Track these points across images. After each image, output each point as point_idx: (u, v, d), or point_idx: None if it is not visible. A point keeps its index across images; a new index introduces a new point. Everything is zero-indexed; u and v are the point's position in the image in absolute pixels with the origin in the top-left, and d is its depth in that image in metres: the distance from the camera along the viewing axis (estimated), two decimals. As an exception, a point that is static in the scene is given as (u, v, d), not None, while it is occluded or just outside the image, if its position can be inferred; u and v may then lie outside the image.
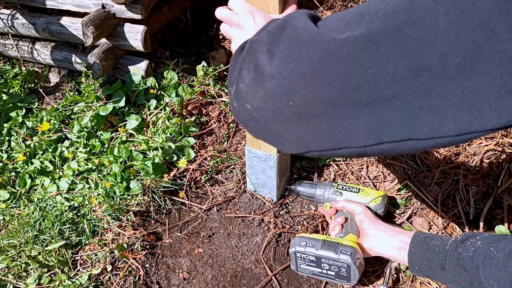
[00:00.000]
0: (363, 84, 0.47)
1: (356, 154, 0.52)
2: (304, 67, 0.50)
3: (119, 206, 1.46)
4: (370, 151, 0.51)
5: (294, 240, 1.19)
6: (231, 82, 0.62)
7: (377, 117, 0.48)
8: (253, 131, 0.61)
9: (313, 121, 0.52)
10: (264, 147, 1.33)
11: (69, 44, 2.05)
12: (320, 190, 1.37)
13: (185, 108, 1.79)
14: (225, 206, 1.51)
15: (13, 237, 1.42)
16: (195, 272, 1.33)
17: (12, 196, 1.59)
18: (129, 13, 1.73)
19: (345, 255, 1.10)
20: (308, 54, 0.50)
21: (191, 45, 2.24)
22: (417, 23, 0.43)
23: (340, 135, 0.51)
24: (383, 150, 0.50)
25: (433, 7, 0.43)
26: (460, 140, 0.46)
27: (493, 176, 1.38)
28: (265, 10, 0.92)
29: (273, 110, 0.54)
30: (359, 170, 1.52)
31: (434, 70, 0.43)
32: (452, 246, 0.95)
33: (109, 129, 1.75)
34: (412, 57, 0.44)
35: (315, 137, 0.53)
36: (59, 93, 2.11)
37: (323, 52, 0.49)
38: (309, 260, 1.16)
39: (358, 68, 0.47)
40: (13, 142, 1.80)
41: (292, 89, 0.51)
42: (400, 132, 0.47)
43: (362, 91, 0.47)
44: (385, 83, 0.46)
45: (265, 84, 0.54)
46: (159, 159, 1.57)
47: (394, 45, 0.44)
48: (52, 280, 1.32)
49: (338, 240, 1.15)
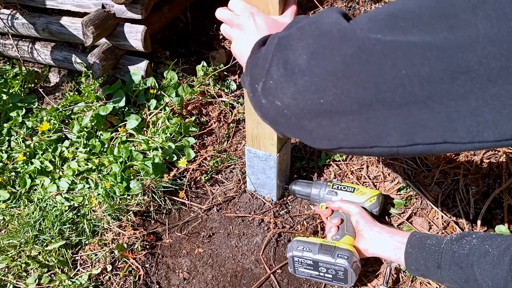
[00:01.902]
0: (396, 85, 0.46)
1: (388, 153, 0.51)
2: (336, 65, 0.49)
3: (119, 206, 1.46)
4: (403, 151, 0.50)
5: (291, 244, 1.19)
6: (255, 79, 0.61)
7: (411, 118, 0.46)
8: (283, 128, 0.59)
9: (345, 118, 0.51)
10: (264, 147, 1.33)
11: (69, 44, 2.05)
12: (315, 189, 1.37)
13: (185, 108, 1.79)
14: (225, 206, 1.51)
15: (13, 237, 1.42)
16: (195, 272, 1.33)
17: (12, 196, 1.59)
18: (129, 13, 1.73)
19: (342, 259, 1.10)
20: (340, 51, 0.49)
21: (191, 45, 2.24)
22: (454, 27, 0.42)
23: (372, 134, 0.50)
24: (416, 151, 0.49)
25: (471, 11, 0.41)
26: (499, 145, 0.44)
27: (493, 176, 1.38)
28: (265, 10, 0.92)
29: (303, 108, 0.53)
30: (359, 170, 1.52)
31: (474, 73, 0.42)
32: (448, 244, 0.96)
33: (109, 129, 1.75)
34: (449, 60, 0.42)
35: (346, 135, 0.52)
36: (59, 93, 2.11)
37: (356, 49, 0.48)
38: (306, 264, 1.16)
39: (391, 68, 0.45)
40: (13, 142, 1.80)
41: (323, 87, 0.50)
42: (435, 134, 0.46)
43: (395, 92, 0.46)
44: (420, 84, 0.44)
45: (296, 81, 0.53)
46: (159, 159, 1.57)
47: (429, 48, 0.43)
48: (52, 280, 1.32)
49: (334, 244, 1.15)
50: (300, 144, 1.65)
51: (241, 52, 0.81)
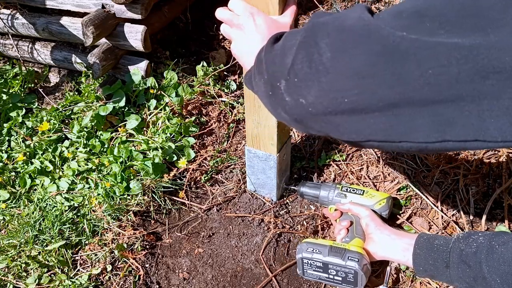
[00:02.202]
0: (422, 85, 0.45)
1: (416, 149, 0.51)
2: (360, 63, 0.48)
3: (119, 206, 1.46)
4: (432, 147, 0.49)
5: (300, 246, 1.17)
6: (275, 77, 0.60)
7: (440, 116, 0.46)
8: (309, 124, 0.59)
9: (372, 115, 0.50)
10: (264, 147, 1.33)
11: (69, 44, 2.05)
12: (324, 191, 1.35)
13: (185, 108, 1.79)
14: (225, 206, 1.51)
15: (13, 237, 1.42)
16: (195, 272, 1.33)
17: (12, 196, 1.59)
18: (129, 13, 1.73)
19: (352, 262, 1.09)
20: (364, 49, 0.48)
21: (191, 45, 2.24)
22: (485, 28, 0.41)
23: (399, 130, 0.49)
24: (446, 148, 0.48)
25: (502, 10, 0.41)
26: None
27: (493, 176, 1.38)
28: (265, 10, 0.92)
29: (328, 106, 0.53)
30: (359, 170, 1.52)
31: (507, 73, 0.41)
32: (455, 243, 0.95)
33: (109, 129, 1.75)
34: (480, 61, 0.41)
35: (374, 130, 0.51)
36: (59, 93, 2.11)
37: (381, 47, 0.47)
38: (316, 266, 1.15)
39: (417, 68, 0.45)
40: (13, 142, 1.80)
41: (347, 86, 0.50)
42: (465, 133, 0.45)
43: (421, 92, 0.45)
44: (448, 84, 0.43)
45: (319, 79, 0.52)
46: (159, 159, 1.57)
47: (457, 48, 0.42)
48: (52, 280, 1.32)
49: (344, 246, 1.14)
50: (300, 144, 1.65)
51: (241, 52, 0.81)
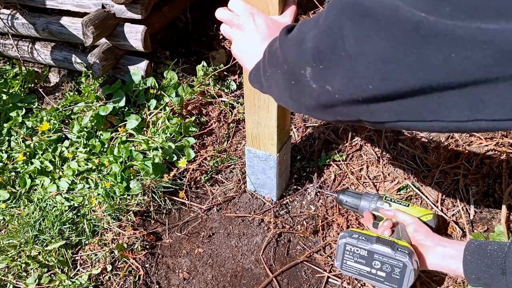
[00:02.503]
0: (447, 69, 0.44)
1: (448, 129, 0.49)
2: (381, 49, 0.48)
3: (119, 206, 1.46)
4: (464, 126, 0.48)
5: (344, 232, 1.07)
6: (298, 65, 0.59)
7: (470, 96, 0.45)
8: (338, 110, 0.58)
9: (398, 97, 0.50)
10: (264, 147, 1.33)
11: (69, 44, 2.05)
12: (365, 202, 1.26)
13: (185, 108, 1.79)
14: (225, 206, 1.51)
15: (13, 237, 1.42)
16: (195, 272, 1.34)
17: (12, 196, 1.59)
18: (129, 13, 1.73)
19: (402, 253, 0.99)
20: (385, 34, 0.47)
21: (191, 45, 2.24)
22: (507, 14, 0.39)
23: (429, 109, 0.48)
24: (480, 128, 0.47)
25: None
26: None
27: (493, 176, 1.38)
28: (265, 10, 0.92)
29: (354, 92, 0.52)
30: (359, 170, 1.52)
31: None
32: (511, 247, 0.89)
33: (109, 129, 1.75)
34: (505, 46, 0.40)
35: (404, 109, 0.51)
36: (59, 93, 2.11)
37: (402, 32, 0.45)
38: (359, 255, 1.04)
39: (439, 52, 0.43)
40: (13, 142, 1.80)
41: (370, 72, 0.49)
42: (500, 112, 0.44)
43: (447, 76, 0.44)
44: (474, 68, 0.42)
45: (344, 66, 0.52)
46: (159, 159, 1.57)
47: (481, 33, 0.41)
48: (52, 280, 1.32)
49: (393, 239, 1.05)
50: (300, 144, 1.65)
51: (241, 52, 0.81)
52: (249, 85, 1.19)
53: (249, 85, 1.19)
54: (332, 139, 1.64)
